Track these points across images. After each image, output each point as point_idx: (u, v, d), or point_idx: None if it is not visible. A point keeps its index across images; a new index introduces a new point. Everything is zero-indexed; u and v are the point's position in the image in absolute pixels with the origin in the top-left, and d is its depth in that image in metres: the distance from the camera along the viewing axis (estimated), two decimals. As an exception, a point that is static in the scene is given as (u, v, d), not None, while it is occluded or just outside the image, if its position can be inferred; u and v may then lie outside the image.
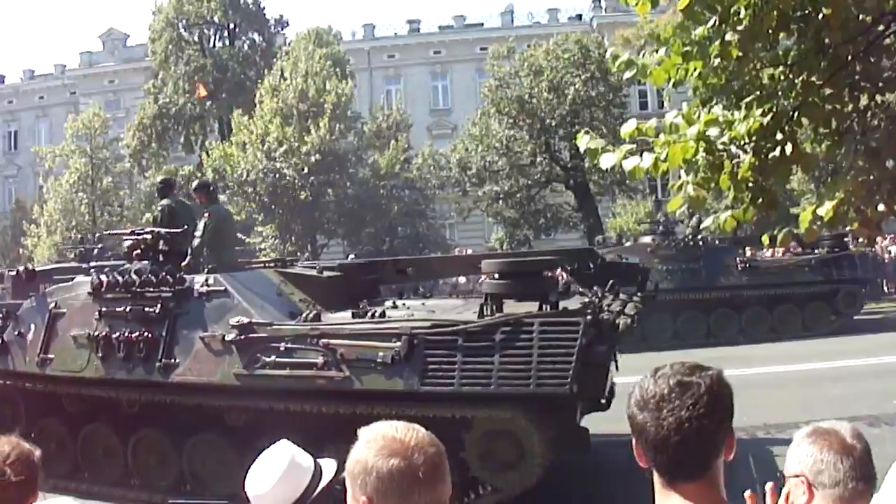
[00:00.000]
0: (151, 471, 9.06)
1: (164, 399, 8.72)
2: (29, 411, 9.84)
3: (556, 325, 7.19)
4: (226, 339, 8.16)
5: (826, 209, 4.62)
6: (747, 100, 4.71)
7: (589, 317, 7.22)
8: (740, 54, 4.57)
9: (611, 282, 9.41)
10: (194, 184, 10.99)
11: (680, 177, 4.77)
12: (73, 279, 10.43)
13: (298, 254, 27.36)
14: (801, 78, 4.63)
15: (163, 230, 9.95)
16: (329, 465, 2.82)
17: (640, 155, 4.48)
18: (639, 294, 10.15)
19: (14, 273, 16.42)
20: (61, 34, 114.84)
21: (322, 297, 9.34)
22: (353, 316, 8.33)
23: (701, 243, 20.24)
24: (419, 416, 6.61)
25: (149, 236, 9.87)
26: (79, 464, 9.54)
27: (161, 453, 8.97)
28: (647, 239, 20.92)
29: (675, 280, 19.68)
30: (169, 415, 8.86)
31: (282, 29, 38.79)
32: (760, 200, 4.73)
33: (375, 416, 6.72)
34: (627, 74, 4.83)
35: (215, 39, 38.09)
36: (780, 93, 4.74)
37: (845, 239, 20.06)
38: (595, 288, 9.16)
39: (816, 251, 20.51)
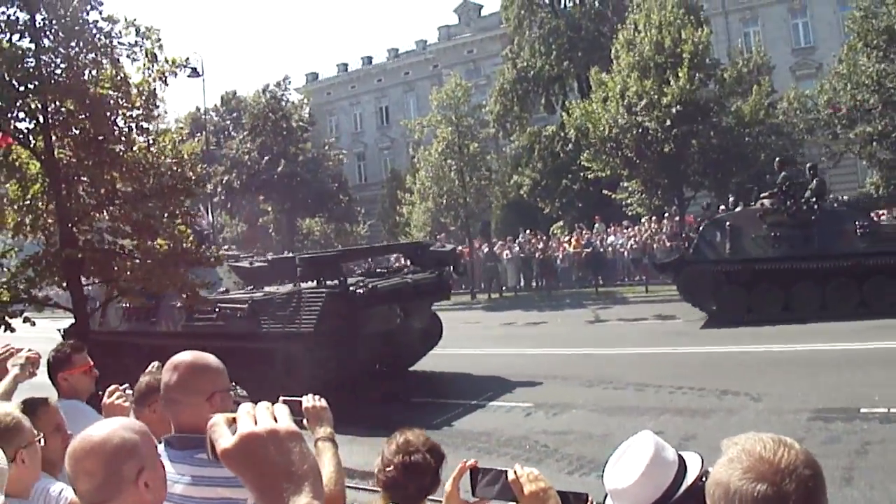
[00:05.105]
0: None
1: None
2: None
3: (313, 294, 13.52)
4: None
5: None
6: None
7: (332, 290, 13.38)
8: None
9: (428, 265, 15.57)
10: None
11: None
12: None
13: (665, 207, 27.56)
14: None
15: None
16: (693, 460, 2.57)
17: None
18: (453, 271, 16.24)
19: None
20: (419, 11, 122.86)
21: (251, 280, 16.24)
22: (245, 292, 15.14)
23: (816, 207, 18.12)
24: (256, 349, 13.55)
25: None
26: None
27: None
28: (763, 203, 19.00)
29: (783, 248, 18.04)
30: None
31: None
32: None
33: (238, 349, 13.96)
34: None
35: (565, 0, 39.01)
36: None
37: None
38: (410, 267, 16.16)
39: None
